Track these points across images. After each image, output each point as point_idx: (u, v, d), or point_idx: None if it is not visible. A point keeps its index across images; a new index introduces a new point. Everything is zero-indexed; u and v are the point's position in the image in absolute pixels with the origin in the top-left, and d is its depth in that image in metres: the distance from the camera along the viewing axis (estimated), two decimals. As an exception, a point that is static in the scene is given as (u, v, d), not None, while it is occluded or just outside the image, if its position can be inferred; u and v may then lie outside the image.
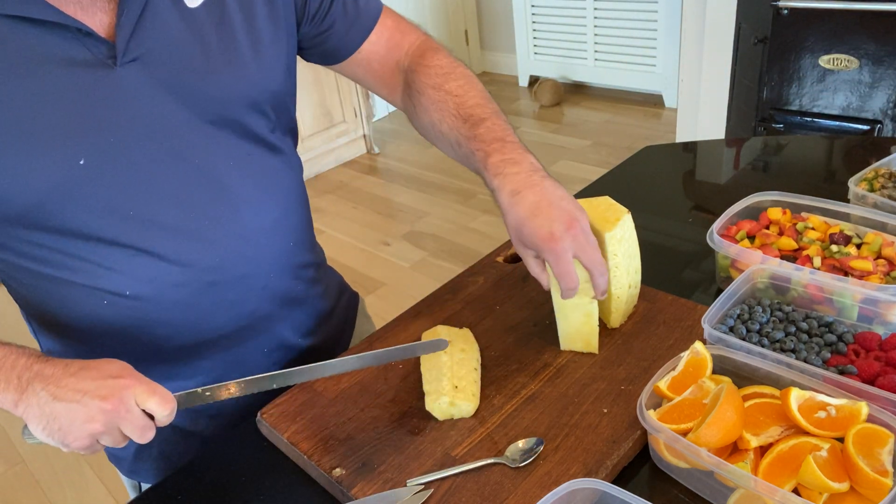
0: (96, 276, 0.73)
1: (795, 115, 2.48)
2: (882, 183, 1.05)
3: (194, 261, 0.76)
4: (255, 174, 0.79)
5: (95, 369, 0.64)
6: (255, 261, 0.80)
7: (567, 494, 0.60)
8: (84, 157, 0.67)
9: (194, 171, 0.74)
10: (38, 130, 0.64)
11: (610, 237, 0.82)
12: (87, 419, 0.62)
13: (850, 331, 0.78)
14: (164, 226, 0.73)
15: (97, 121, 0.67)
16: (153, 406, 0.64)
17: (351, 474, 0.72)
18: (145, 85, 0.69)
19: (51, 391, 0.62)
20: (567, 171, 3.55)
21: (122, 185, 0.70)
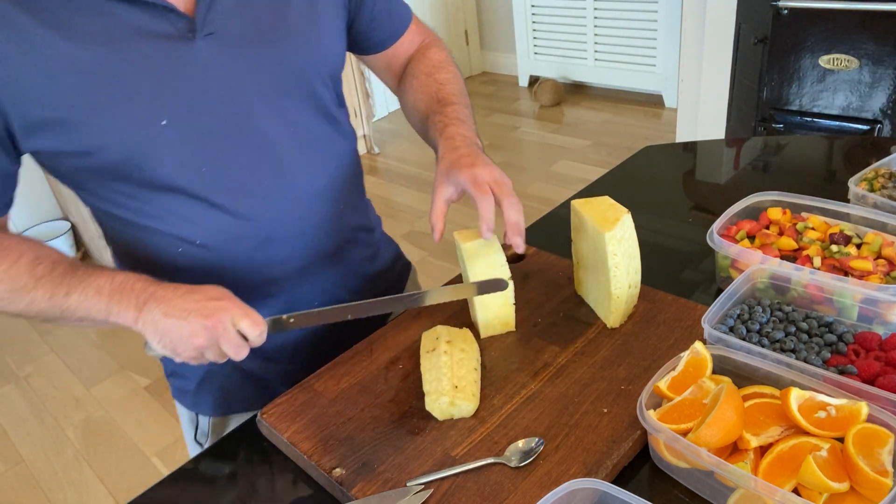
0: (172, 225, 0.82)
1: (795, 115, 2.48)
2: (882, 183, 1.05)
3: (253, 216, 0.84)
4: (310, 142, 0.87)
5: (200, 292, 0.75)
6: (306, 221, 0.88)
7: (567, 494, 0.60)
8: (166, 119, 0.75)
9: (256, 136, 0.81)
10: (128, 93, 0.73)
11: (610, 237, 0.82)
12: (191, 334, 0.72)
13: (850, 331, 0.78)
14: (229, 183, 0.81)
15: (177, 87, 0.75)
16: (245, 327, 0.74)
17: (351, 474, 0.72)
18: (219, 57, 0.77)
19: (162, 310, 0.73)
20: (567, 171, 3.55)
21: (196, 144, 0.78)
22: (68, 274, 0.76)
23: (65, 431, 2.31)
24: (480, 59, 5.21)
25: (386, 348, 0.90)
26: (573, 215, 0.92)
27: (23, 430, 2.34)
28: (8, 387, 2.55)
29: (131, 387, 2.47)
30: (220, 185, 0.81)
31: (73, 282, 0.75)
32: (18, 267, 0.76)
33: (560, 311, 0.93)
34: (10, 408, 2.45)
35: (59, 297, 0.75)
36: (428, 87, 0.97)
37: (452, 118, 0.90)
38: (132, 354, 2.64)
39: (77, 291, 0.75)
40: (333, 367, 0.88)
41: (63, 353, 2.71)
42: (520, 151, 3.86)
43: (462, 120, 0.90)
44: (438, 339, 0.85)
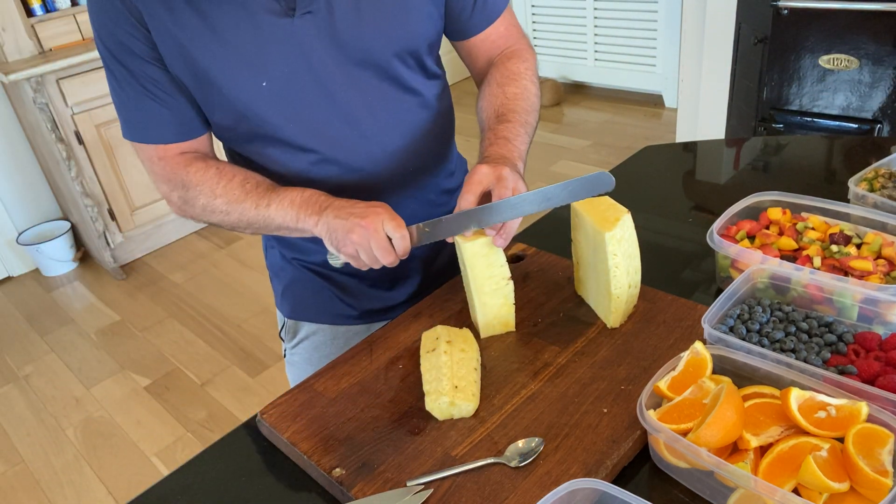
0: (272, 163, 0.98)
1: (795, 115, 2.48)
2: (882, 183, 1.05)
3: (341, 164, 0.97)
4: (384, 110, 0.97)
5: (365, 203, 0.87)
6: (379, 177, 1.00)
7: (567, 494, 0.60)
8: (266, 81, 0.89)
9: (336, 99, 0.93)
10: (239, 59, 0.87)
11: (610, 237, 0.82)
12: (348, 230, 0.84)
13: (850, 331, 0.78)
14: (321, 136, 0.95)
15: (275, 56, 0.88)
16: (390, 227, 0.84)
17: (351, 474, 0.72)
18: (311, 33, 0.88)
19: (334, 213, 0.86)
20: (567, 171, 3.54)
21: (292, 104, 0.92)
22: (270, 190, 0.92)
23: (65, 431, 2.31)
24: (480, 59, 5.20)
25: (386, 348, 0.90)
26: (573, 215, 0.92)
27: (23, 430, 2.34)
28: (8, 387, 2.55)
29: (131, 387, 2.47)
30: (314, 138, 0.94)
31: (272, 195, 0.91)
32: (233, 183, 0.93)
33: (560, 311, 0.93)
34: (10, 408, 2.45)
35: (262, 207, 0.91)
36: (494, 98, 1.01)
37: (501, 136, 0.94)
38: (132, 354, 2.65)
39: (275, 203, 0.91)
40: (333, 366, 0.88)
41: (63, 353, 2.71)
42: (520, 151, 3.85)
43: (508, 139, 0.94)
44: (438, 339, 0.85)
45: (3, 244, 3.21)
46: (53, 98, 2.81)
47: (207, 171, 0.95)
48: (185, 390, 2.41)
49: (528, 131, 0.99)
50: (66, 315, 2.94)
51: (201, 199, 0.95)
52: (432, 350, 0.84)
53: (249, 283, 3.00)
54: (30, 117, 2.92)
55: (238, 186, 0.94)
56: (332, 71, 0.92)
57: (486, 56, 1.08)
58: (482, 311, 0.89)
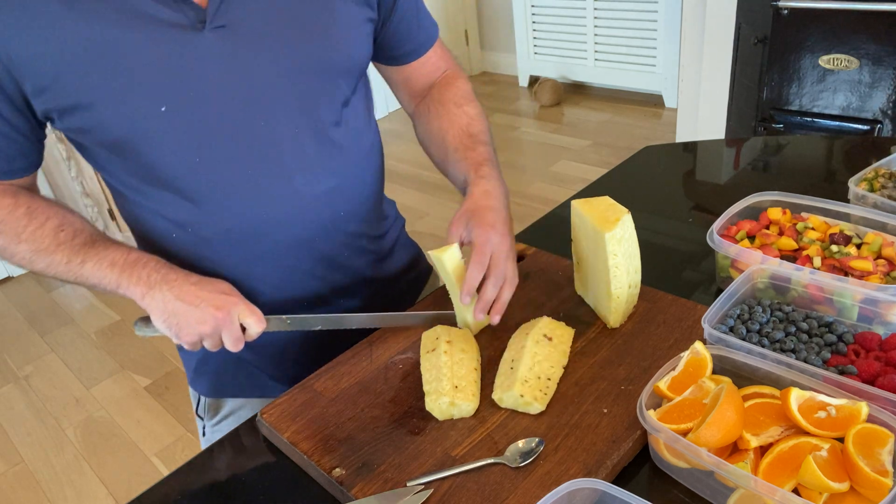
0: (168, 208, 0.85)
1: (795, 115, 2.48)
2: (882, 183, 1.05)
3: (247, 212, 0.84)
4: (316, 144, 0.86)
5: (210, 284, 0.80)
6: (302, 223, 0.88)
7: (567, 494, 0.60)
8: (165, 105, 0.76)
9: (259, 133, 0.81)
10: (130, 76, 0.74)
11: (610, 237, 0.82)
12: (200, 321, 0.77)
13: (850, 331, 0.78)
14: (226, 177, 0.82)
15: (180, 76, 0.75)
16: (250, 322, 0.80)
17: (351, 474, 0.72)
18: (227, 50, 0.77)
19: (176, 293, 0.78)
20: (567, 171, 3.55)
21: (194, 135, 0.79)
22: (87, 244, 0.81)
23: (65, 431, 2.31)
24: (480, 59, 5.21)
25: (386, 348, 0.90)
26: (573, 215, 0.92)
27: (23, 430, 2.34)
28: (8, 387, 2.55)
29: (131, 387, 2.47)
30: (215, 178, 0.81)
31: (91, 252, 0.81)
32: (44, 230, 0.81)
33: (560, 311, 0.93)
34: (10, 408, 2.45)
35: (75, 263, 0.80)
36: (458, 118, 0.96)
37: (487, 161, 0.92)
38: (132, 354, 2.64)
39: (92, 261, 0.80)
40: (333, 366, 0.88)
41: (63, 353, 2.71)
42: (520, 151, 3.86)
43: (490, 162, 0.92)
44: (438, 339, 0.85)
45: (3, 244, 3.21)
46: (53, 98, 2.81)
47: (15, 211, 0.80)
48: (185, 390, 2.40)
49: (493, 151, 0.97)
50: (66, 315, 2.94)
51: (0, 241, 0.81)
52: (432, 350, 0.84)
53: (249, 283, 3.00)
54: (30, 117, 2.92)
55: (50, 234, 0.80)
56: (256, 98, 0.79)
57: (425, 81, 1.03)
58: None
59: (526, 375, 0.78)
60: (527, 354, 0.80)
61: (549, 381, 0.79)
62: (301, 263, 0.92)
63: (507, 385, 0.78)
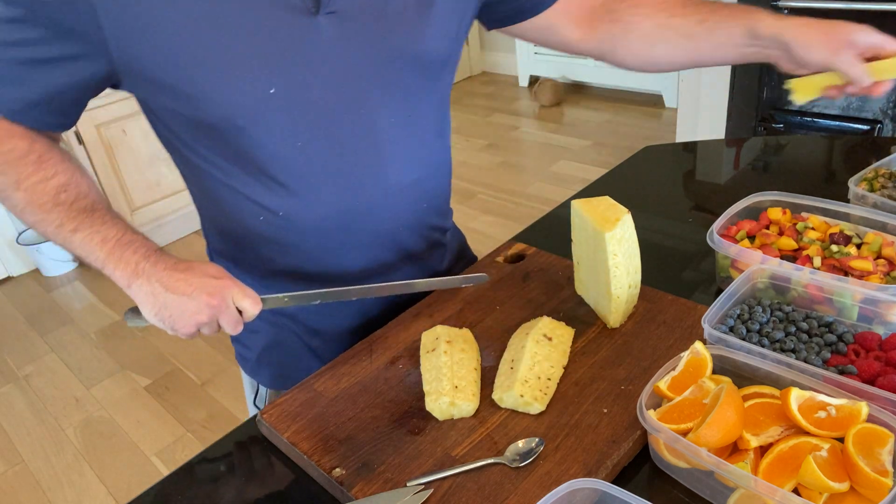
0: (258, 193, 0.84)
1: (795, 115, 2.48)
2: (882, 183, 1.05)
3: (339, 200, 0.85)
4: (408, 135, 0.87)
5: (200, 270, 0.77)
6: (389, 212, 0.90)
7: (567, 494, 0.60)
8: (275, 88, 0.76)
9: (359, 120, 0.82)
10: (242, 59, 0.74)
11: (610, 237, 0.82)
12: (195, 311, 0.75)
13: (850, 331, 0.78)
14: (323, 163, 0.82)
15: (291, 59, 0.76)
16: (246, 305, 0.77)
17: (351, 474, 0.72)
18: (337, 35, 0.77)
19: (165, 283, 0.74)
20: (567, 171, 3.55)
21: (299, 119, 0.79)
22: (86, 212, 0.77)
23: (65, 431, 2.31)
24: (480, 59, 5.21)
25: (386, 348, 0.90)
26: (573, 215, 0.92)
27: (23, 430, 2.34)
28: (8, 387, 2.55)
29: (131, 387, 2.47)
30: (313, 163, 0.82)
31: (86, 222, 0.77)
32: (46, 185, 0.77)
33: (560, 311, 0.93)
34: (10, 408, 2.45)
35: (66, 229, 0.77)
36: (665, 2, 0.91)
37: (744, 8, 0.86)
38: (132, 354, 2.64)
39: (85, 232, 0.76)
40: (333, 366, 0.88)
41: (63, 353, 2.71)
42: (520, 151, 3.86)
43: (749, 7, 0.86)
44: (438, 339, 0.85)
45: (3, 244, 3.21)
46: (53, 98, 2.81)
47: (26, 156, 0.77)
48: (185, 390, 2.41)
49: None
50: (66, 315, 2.94)
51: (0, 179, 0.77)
52: (432, 350, 0.84)
53: (249, 283, 3.00)
54: (30, 117, 2.92)
55: (51, 191, 0.77)
56: (364, 85, 0.80)
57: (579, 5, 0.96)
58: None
59: (526, 375, 0.78)
60: (527, 354, 0.80)
61: (549, 381, 0.79)
62: (383, 255, 0.94)
63: (507, 385, 0.78)
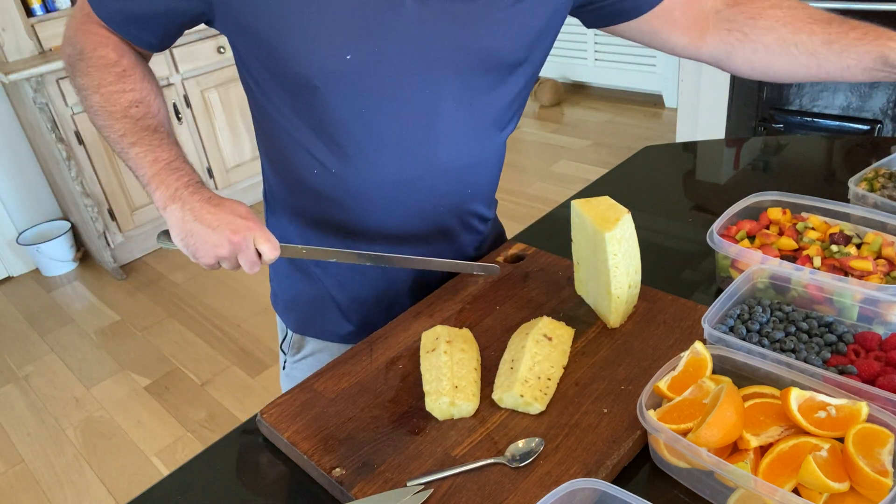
0: (319, 149, 0.88)
1: (795, 115, 2.48)
2: (882, 183, 1.05)
3: (389, 170, 0.89)
4: (467, 123, 0.89)
5: (231, 208, 0.80)
6: (434, 191, 0.93)
7: (567, 494, 0.60)
8: (351, 54, 0.79)
9: (422, 99, 0.85)
10: (328, 21, 0.77)
11: (610, 237, 0.82)
12: (216, 244, 0.78)
13: (850, 331, 0.78)
14: (381, 132, 0.86)
15: (371, 31, 0.79)
16: (265, 249, 0.80)
17: (351, 474, 0.72)
18: (418, 16, 0.79)
19: (195, 213, 0.78)
20: (567, 171, 3.55)
21: (367, 88, 0.82)
22: (148, 130, 0.83)
23: (65, 431, 2.31)
24: (480, 59, 5.20)
25: (386, 348, 0.90)
26: (573, 215, 0.92)
27: (23, 430, 2.34)
28: (8, 387, 2.56)
29: (131, 387, 2.47)
30: (375, 131, 0.85)
31: (146, 139, 0.82)
32: (123, 97, 0.84)
33: (560, 311, 0.93)
34: (10, 408, 2.45)
35: (126, 141, 0.82)
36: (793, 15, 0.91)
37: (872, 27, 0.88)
38: (132, 354, 2.65)
39: (141, 147, 0.81)
40: (333, 366, 0.88)
41: (63, 353, 2.71)
42: (520, 151, 3.86)
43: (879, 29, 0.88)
44: (438, 339, 0.85)
45: (3, 244, 3.21)
46: (53, 98, 2.81)
47: (113, 67, 0.84)
48: (185, 390, 2.41)
49: None
50: (66, 315, 2.95)
51: (84, 80, 0.85)
52: (432, 350, 0.84)
53: (249, 282, 3.00)
54: (30, 117, 2.92)
55: (125, 103, 0.83)
56: (432, 66, 0.82)
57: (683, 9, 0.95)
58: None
59: (526, 375, 0.78)
60: (527, 354, 0.80)
61: (549, 381, 0.79)
62: (422, 228, 0.97)
63: (507, 385, 0.78)
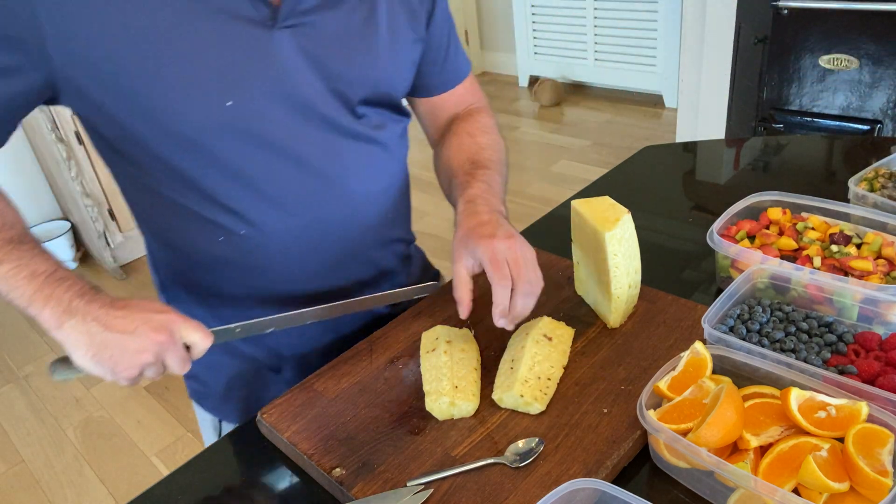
0: (219, 214, 0.82)
1: (795, 115, 2.48)
2: (882, 183, 1.05)
3: (303, 214, 0.84)
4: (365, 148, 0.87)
5: (141, 306, 0.70)
6: (355, 225, 0.89)
7: (567, 494, 0.60)
8: (232, 100, 0.74)
9: (317, 134, 0.82)
10: (198, 72, 0.73)
11: (610, 237, 0.82)
12: (139, 349, 0.67)
13: (850, 331, 0.78)
14: (283, 176, 0.81)
15: (246, 71, 0.75)
16: (196, 339, 0.71)
17: (351, 474, 0.72)
18: (292, 49, 0.77)
19: (103, 322, 0.67)
20: (567, 171, 3.55)
21: (257, 132, 0.78)
22: (11, 243, 0.70)
23: (65, 431, 2.31)
24: (480, 59, 5.21)
25: (386, 348, 0.90)
26: (573, 215, 0.92)
27: (23, 430, 2.34)
28: (8, 387, 2.55)
29: (131, 387, 2.47)
30: (273, 178, 0.81)
31: (13, 253, 0.69)
32: None
33: (560, 311, 0.93)
34: (10, 408, 2.45)
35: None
36: (467, 147, 0.95)
37: (480, 179, 0.88)
38: (132, 354, 2.64)
39: (11, 264, 0.68)
40: (333, 366, 0.88)
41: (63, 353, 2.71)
42: (520, 151, 3.86)
43: (489, 184, 0.87)
44: (438, 339, 0.85)
45: (3, 244, 3.21)
46: (53, 98, 2.80)
47: None
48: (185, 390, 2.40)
49: (504, 181, 0.93)
50: (66, 315, 2.94)
51: None
52: (432, 350, 0.84)
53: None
54: (30, 117, 2.92)
55: None
56: (312, 99, 0.80)
57: (449, 114, 1.03)
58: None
59: (526, 375, 0.78)
60: (527, 354, 0.80)
61: (549, 382, 0.79)
62: (352, 272, 0.93)
63: (508, 385, 0.78)
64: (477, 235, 0.78)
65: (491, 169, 0.91)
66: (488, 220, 0.80)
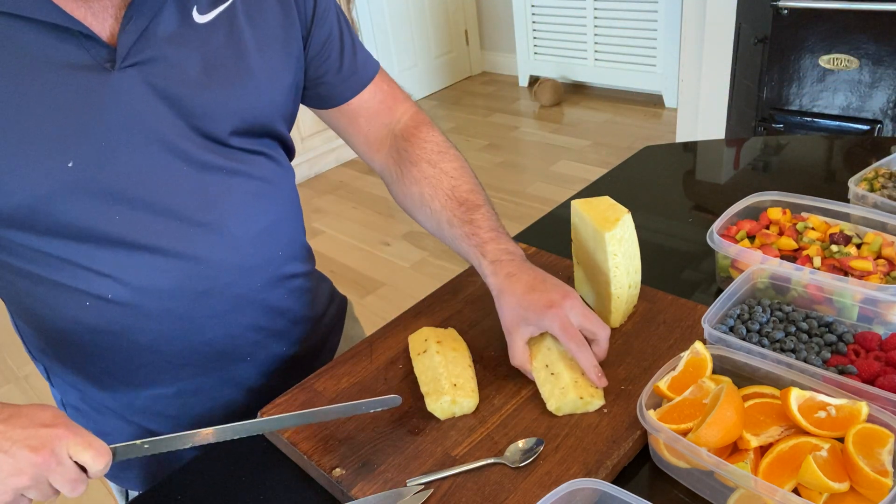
0: (80, 279, 0.73)
1: (795, 115, 2.48)
2: (882, 183, 1.05)
3: (180, 267, 0.75)
4: (243, 186, 0.79)
5: (26, 416, 0.60)
6: (242, 270, 0.81)
7: (567, 494, 0.60)
8: (73, 160, 0.67)
9: (183, 178, 0.74)
10: (29, 134, 0.65)
11: (610, 237, 0.82)
12: (13, 472, 0.58)
13: (850, 331, 0.78)
14: (151, 231, 0.73)
15: (88, 124, 0.67)
16: (88, 459, 0.61)
17: (351, 474, 0.72)
18: (140, 90, 0.69)
19: None
20: (567, 171, 3.55)
21: (110, 189, 0.70)
22: None
23: (65, 431, 2.31)
24: (480, 59, 5.21)
25: (386, 348, 0.90)
26: (573, 215, 0.92)
27: (23, 430, 2.34)
28: (8, 387, 2.55)
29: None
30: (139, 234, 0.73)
31: None
32: None
33: (560, 311, 0.93)
34: (10, 408, 2.45)
35: None
36: (437, 181, 0.89)
37: (486, 229, 0.84)
38: (132, 354, 2.64)
39: None
40: (333, 366, 0.88)
41: None
42: (520, 151, 3.86)
43: (496, 230, 0.85)
44: (427, 340, 0.85)
45: (3, 244, 3.21)
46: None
47: None
48: (185, 390, 2.41)
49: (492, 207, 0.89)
50: (66, 315, 2.94)
51: None
52: (423, 352, 0.84)
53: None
54: None
55: None
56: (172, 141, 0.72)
57: (371, 121, 0.94)
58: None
59: (574, 377, 0.77)
60: (559, 356, 0.79)
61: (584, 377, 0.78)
62: (247, 318, 0.85)
63: (561, 393, 0.76)
64: (536, 307, 0.77)
65: (482, 206, 0.88)
66: (531, 282, 0.79)
